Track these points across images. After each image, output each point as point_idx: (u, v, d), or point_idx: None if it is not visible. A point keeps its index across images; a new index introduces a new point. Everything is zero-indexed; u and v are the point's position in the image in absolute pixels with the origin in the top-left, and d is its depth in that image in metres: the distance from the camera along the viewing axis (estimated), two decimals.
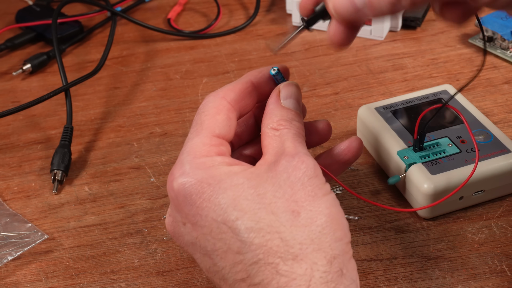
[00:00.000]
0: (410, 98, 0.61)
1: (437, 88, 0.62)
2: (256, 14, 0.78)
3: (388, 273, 0.51)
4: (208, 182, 0.42)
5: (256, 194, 0.41)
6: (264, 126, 0.46)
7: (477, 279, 0.50)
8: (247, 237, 0.40)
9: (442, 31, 0.75)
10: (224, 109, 0.45)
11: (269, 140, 0.45)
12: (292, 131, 0.45)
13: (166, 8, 0.82)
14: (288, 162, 0.42)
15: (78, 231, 0.56)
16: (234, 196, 0.41)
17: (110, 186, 0.60)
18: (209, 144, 0.44)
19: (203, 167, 0.42)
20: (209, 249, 0.42)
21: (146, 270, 0.52)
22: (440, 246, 0.52)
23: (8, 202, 0.59)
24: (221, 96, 0.46)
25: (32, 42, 0.78)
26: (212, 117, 0.45)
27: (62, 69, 0.67)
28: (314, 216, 0.41)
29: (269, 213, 0.40)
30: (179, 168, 0.43)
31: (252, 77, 0.48)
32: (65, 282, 0.52)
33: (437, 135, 0.57)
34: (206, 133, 0.44)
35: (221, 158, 0.43)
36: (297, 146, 0.44)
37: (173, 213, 0.44)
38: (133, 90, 0.70)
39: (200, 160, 0.43)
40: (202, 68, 0.72)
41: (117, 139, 0.64)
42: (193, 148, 0.44)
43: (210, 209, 0.41)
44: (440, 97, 0.61)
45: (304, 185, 0.41)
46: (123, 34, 0.78)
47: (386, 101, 0.61)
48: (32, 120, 0.67)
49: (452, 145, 0.56)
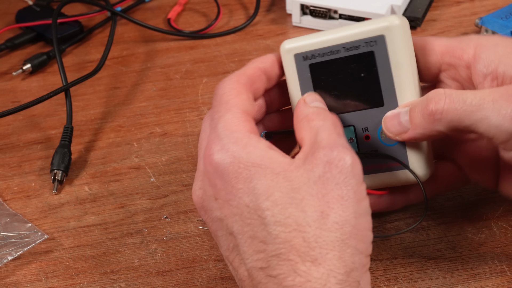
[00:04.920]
0: (339, 44, 0.47)
1: (373, 30, 0.46)
2: (256, 14, 0.78)
3: (388, 273, 0.51)
4: (245, 164, 0.42)
5: (290, 188, 0.41)
6: (297, 122, 0.45)
7: (477, 279, 0.50)
8: (273, 230, 0.40)
9: (442, 31, 0.75)
10: (243, 90, 0.46)
11: (305, 132, 0.44)
12: (328, 121, 0.44)
13: (166, 8, 0.82)
14: (325, 155, 0.41)
15: (78, 231, 0.56)
16: (269, 185, 0.41)
17: (110, 186, 0.60)
18: (243, 120, 0.44)
19: (241, 143, 0.42)
20: (235, 230, 0.42)
21: (146, 270, 0.52)
22: (440, 246, 0.52)
23: (8, 202, 0.59)
24: (235, 79, 0.46)
25: (32, 42, 0.78)
26: (235, 96, 0.45)
27: (62, 69, 0.67)
28: (342, 222, 0.40)
29: (299, 210, 0.40)
30: (217, 142, 0.43)
31: (258, 63, 0.48)
32: (65, 282, 0.52)
33: (345, 121, 0.48)
34: (236, 110, 0.44)
35: (256, 137, 0.43)
36: (335, 137, 0.42)
37: (205, 187, 0.44)
38: (133, 90, 0.70)
39: (237, 134, 0.43)
40: (202, 68, 0.72)
41: (117, 139, 0.64)
42: (228, 123, 0.43)
43: (244, 192, 0.41)
44: (371, 50, 0.46)
45: (338, 185, 0.40)
46: (123, 34, 0.78)
47: (311, 41, 0.48)
48: (32, 120, 0.67)
49: (354, 141, 0.48)
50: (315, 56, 0.48)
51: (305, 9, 0.74)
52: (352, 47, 0.47)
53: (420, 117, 0.45)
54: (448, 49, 0.48)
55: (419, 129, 0.45)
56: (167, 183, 0.59)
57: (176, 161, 0.61)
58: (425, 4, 0.75)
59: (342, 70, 0.47)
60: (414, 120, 0.45)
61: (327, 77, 0.48)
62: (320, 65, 0.48)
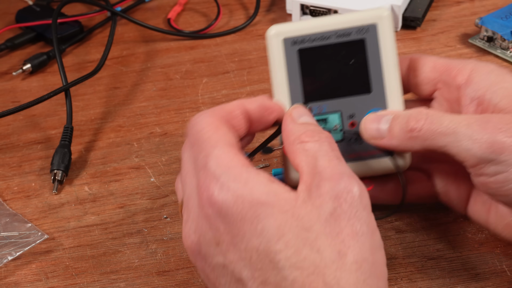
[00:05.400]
0: (331, 30, 0.47)
1: (366, 18, 0.47)
2: (256, 14, 0.78)
3: (388, 273, 0.51)
4: (250, 203, 0.39)
5: (301, 227, 0.38)
6: (288, 144, 0.43)
7: (477, 279, 0.50)
8: (289, 274, 0.37)
9: (442, 31, 0.75)
10: (220, 124, 0.42)
11: (300, 157, 0.41)
12: (325, 145, 0.42)
13: (166, 8, 0.82)
14: (332, 189, 0.39)
15: (78, 231, 0.56)
16: (279, 226, 0.38)
17: (110, 186, 0.60)
18: (234, 153, 0.40)
19: (241, 180, 0.39)
20: (244, 276, 0.39)
21: (146, 270, 0.52)
22: (440, 246, 0.52)
23: (8, 202, 0.59)
24: (210, 113, 0.43)
25: (32, 42, 0.78)
26: (215, 131, 0.42)
27: (62, 69, 0.67)
28: (360, 261, 0.38)
29: (314, 251, 0.38)
30: (215, 181, 0.39)
31: (243, 101, 0.45)
32: (65, 282, 0.52)
33: (332, 107, 0.48)
34: (223, 144, 0.41)
35: (254, 170, 0.40)
36: (336, 164, 0.40)
37: (202, 230, 0.41)
38: (133, 90, 0.70)
39: (235, 170, 0.40)
40: (202, 68, 0.72)
41: (117, 139, 0.64)
42: (221, 159, 0.40)
43: (253, 235, 0.38)
44: (363, 37, 0.48)
45: (351, 221, 0.39)
46: (123, 34, 0.78)
47: (302, 26, 0.48)
48: (32, 120, 0.67)
49: (338, 128, 0.48)
50: (305, 41, 0.47)
51: (305, 9, 0.74)
52: (343, 34, 0.47)
53: (399, 130, 0.45)
54: (446, 68, 0.49)
55: (394, 140, 0.46)
56: (167, 183, 0.59)
57: (176, 161, 0.61)
58: (425, 4, 0.75)
59: (331, 56, 0.48)
60: (392, 131, 0.46)
61: (316, 63, 0.48)
62: (310, 50, 0.48)
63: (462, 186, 0.50)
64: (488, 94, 0.46)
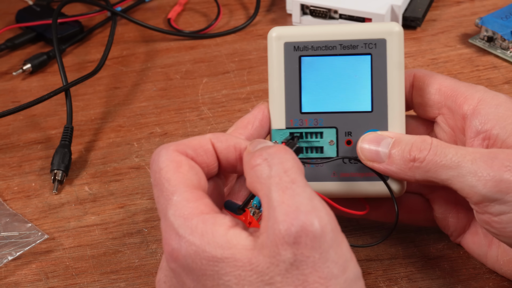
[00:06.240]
0: (336, 40, 0.46)
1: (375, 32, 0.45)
2: (256, 14, 0.78)
3: (388, 273, 0.51)
4: (207, 259, 0.37)
5: (262, 281, 0.36)
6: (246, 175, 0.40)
7: (477, 279, 0.50)
8: None
9: (442, 31, 0.75)
10: (183, 160, 0.40)
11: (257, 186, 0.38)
12: (276, 166, 0.38)
13: (166, 8, 0.82)
14: (288, 233, 0.35)
15: (78, 231, 0.56)
16: (238, 282, 0.36)
17: (110, 186, 0.60)
18: (193, 200, 0.38)
19: (198, 232, 0.37)
20: None
21: (146, 270, 0.52)
22: (440, 246, 0.52)
23: (8, 202, 0.59)
24: (172, 148, 0.41)
25: (32, 42, 0.78)
26: (175, 171, 0.39)
27: (62, 69, 0.67)
28: None
29: None
30: (174, 234, 0.38)
31: (213, 136, 0.42)
32: (65, 282, 0.52)
33: (329, 121, 0.46)
34: (182, 189, 0.39)
35: (212, 219, 0.38)
36: (291, 196, 0.36)
37: (172, 283, 0.40)
38: (133, 90, 0.70)
39: (191, 223, 0.37)
40: (202, 68, 0.72)
41: (117, 139, 0.64)
42: (178, 209, 0.38)
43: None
44: (369, 52, 0.45)
45: (316, 266, 0.35)
46: (123, 34, 0.78)
47: (306, 32, 0.46)
48: (32, 120, 0.67)
49: (334, 144, 0.46)
50: (308, 48, 0.46)
51: (305, 9, 0.74)
52: (349, 46, 0.45)
53: (400, 157, 0.44)
54: (452, 93, 0.47)
55: (394, 167, 0.44)
56: None
57: None
58: (425, 4, 0.75)
59: (334, 68, 0.46)
60: (392, 157, 0.44)
61: (316, 72, 0.46)
62: (312, 58, 0.46)
63: (461, 215, 0.49)
64: (496, 129, 0.44)
